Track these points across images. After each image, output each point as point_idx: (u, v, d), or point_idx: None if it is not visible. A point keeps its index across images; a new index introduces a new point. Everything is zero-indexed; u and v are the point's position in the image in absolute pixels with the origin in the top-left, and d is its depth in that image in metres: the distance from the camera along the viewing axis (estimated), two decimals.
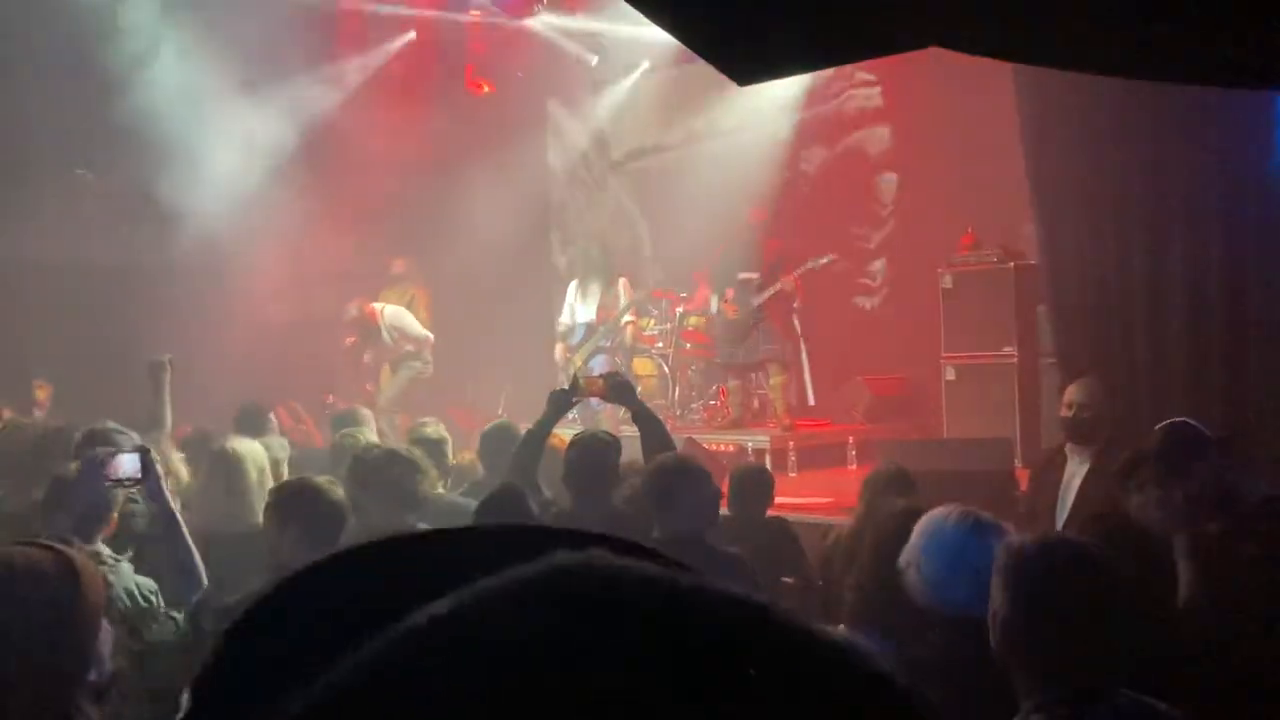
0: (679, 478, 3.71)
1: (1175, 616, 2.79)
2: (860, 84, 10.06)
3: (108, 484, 2.99)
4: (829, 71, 10.18)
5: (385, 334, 9.23)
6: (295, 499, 3.31)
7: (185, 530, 3.14)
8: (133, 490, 3.14)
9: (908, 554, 2.64)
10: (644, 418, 4.61)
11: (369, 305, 9.25)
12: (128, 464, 2.99)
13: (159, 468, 3.16)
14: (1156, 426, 3.90)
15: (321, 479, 3.48)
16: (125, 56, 8.93)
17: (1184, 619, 2.90)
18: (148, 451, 3.07)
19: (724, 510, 4.86)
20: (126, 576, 3.13)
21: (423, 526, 3.98)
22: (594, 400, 5.05)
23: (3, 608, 1.90)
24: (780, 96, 10.31)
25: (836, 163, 10.32)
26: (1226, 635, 2.69)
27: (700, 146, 10.91)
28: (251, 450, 4.30)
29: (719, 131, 10.74)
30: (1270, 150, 4.93)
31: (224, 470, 4.15)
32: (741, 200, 9.04)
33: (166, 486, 3.19)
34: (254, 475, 4.16)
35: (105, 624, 2.01)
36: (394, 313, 9.28)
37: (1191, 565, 3.04)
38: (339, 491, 3.39)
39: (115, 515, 3.19)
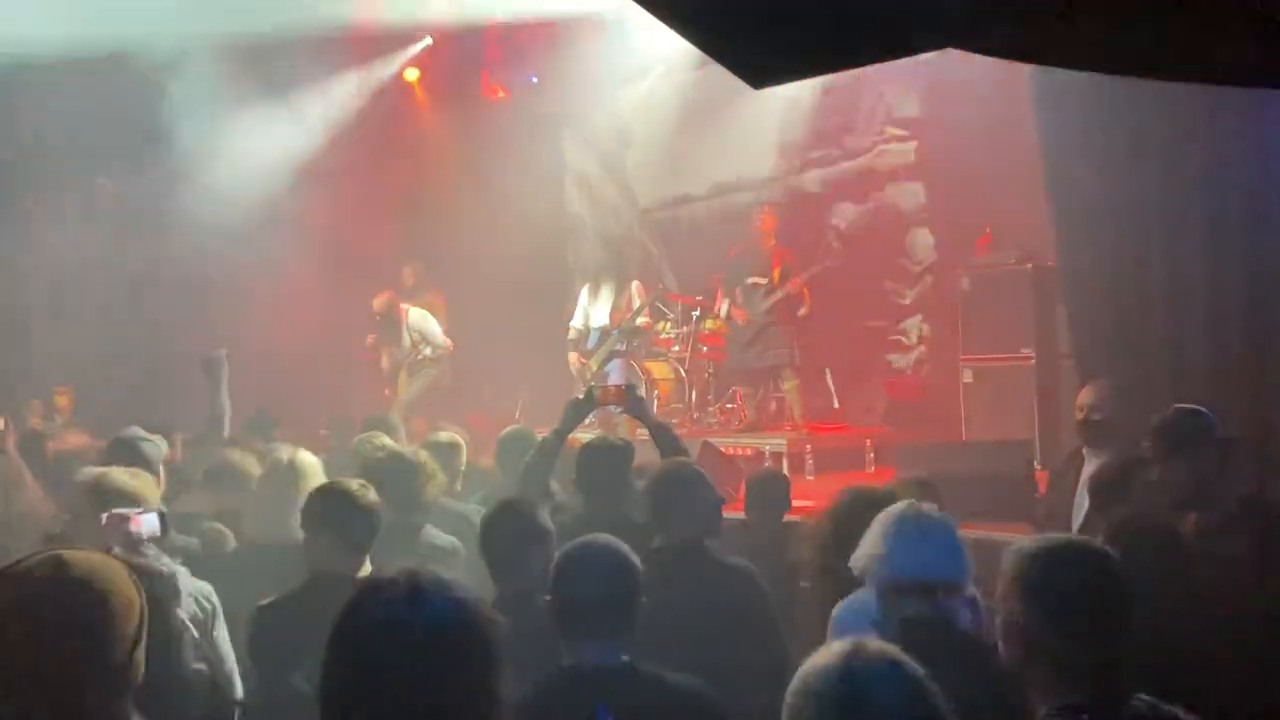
0: (677, 486, 3.69)
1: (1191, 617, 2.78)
2: (892, 139, 9.95)
3: (128, 541, 3.02)
4: (859, 125, 10.13)
5: (406, 334, 9.24)
6: (329, 504, 3.31)
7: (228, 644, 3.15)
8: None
9: (862, 550, 2.68)
10: (659, 431, 4.64)
11: (399, 303, 9.26)
12: (148, 523, 3.04)
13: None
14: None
15: (354, 483, 3.47)
16: (146, 65, 8.99)
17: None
18: (165, 513, 3.10)
19: (741, 515, 4.88)
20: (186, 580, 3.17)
21: (429, 529, 4.02)
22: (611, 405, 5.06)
23: (39, 609, 1.91)
24: (809, 151, 10.31)
25: (868, 218, 10.16)
26: (1205, 632, 2.68)
27: (728, 198, 10.91)
28: (312, 465, 4.21)
29: (747, 185, 10.71)
30: None
31: (283, 482, 4.05)
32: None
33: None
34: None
35: (141, 654, 2.01)
36: (419, 315, 9.29)
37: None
38: (371, 496, 3.38)
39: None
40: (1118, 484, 3.92)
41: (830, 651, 1.71)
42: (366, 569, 3.24)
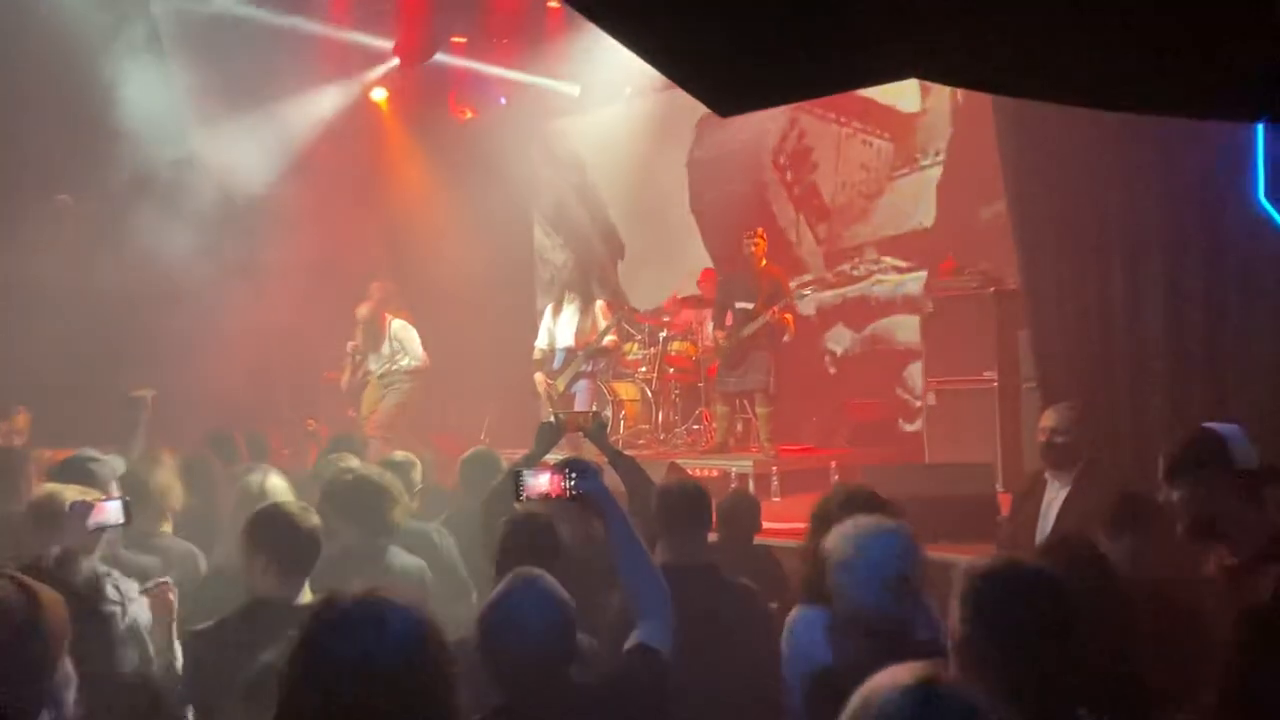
0: (687, 505, 3.70)
1: (1135, 639, 2.79)
2: (889, 269, 9.93)
3: (91, 529, 3.00)
4: (854, 252, 10.12)
5: (387, 343, 9.22)
6: (266, 527, 3.24)
7: (176, 640, 3.10)
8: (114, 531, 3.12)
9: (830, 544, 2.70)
10: (618, 460, 4.65)
11: (383, 311, 9.24)
12: (113, 511, 3.03)
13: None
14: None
15: (295, 505, 3.41)
16: (107, 82, 8.92)
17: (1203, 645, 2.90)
18: (130, 501, 3.06)
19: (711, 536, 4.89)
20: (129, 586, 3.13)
21: (393, 550, 3.99)
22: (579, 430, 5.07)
23: None
24: (802, 274, 10.34)
25: (865, 345, 10.13)
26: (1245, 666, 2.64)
27: None
28: (283, 490, 4.18)
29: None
30: (1248, 178, 4.97)
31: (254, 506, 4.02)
32: None
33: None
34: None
35: (69, 667, 1.99)
36: (402, 325, 9.28)
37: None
38: (313, 519, 3.30)
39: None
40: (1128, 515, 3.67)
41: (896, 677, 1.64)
42: (307, 595, 3.18)
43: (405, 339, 9.22)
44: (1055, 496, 4.94)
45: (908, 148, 9.99)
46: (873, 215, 10.18)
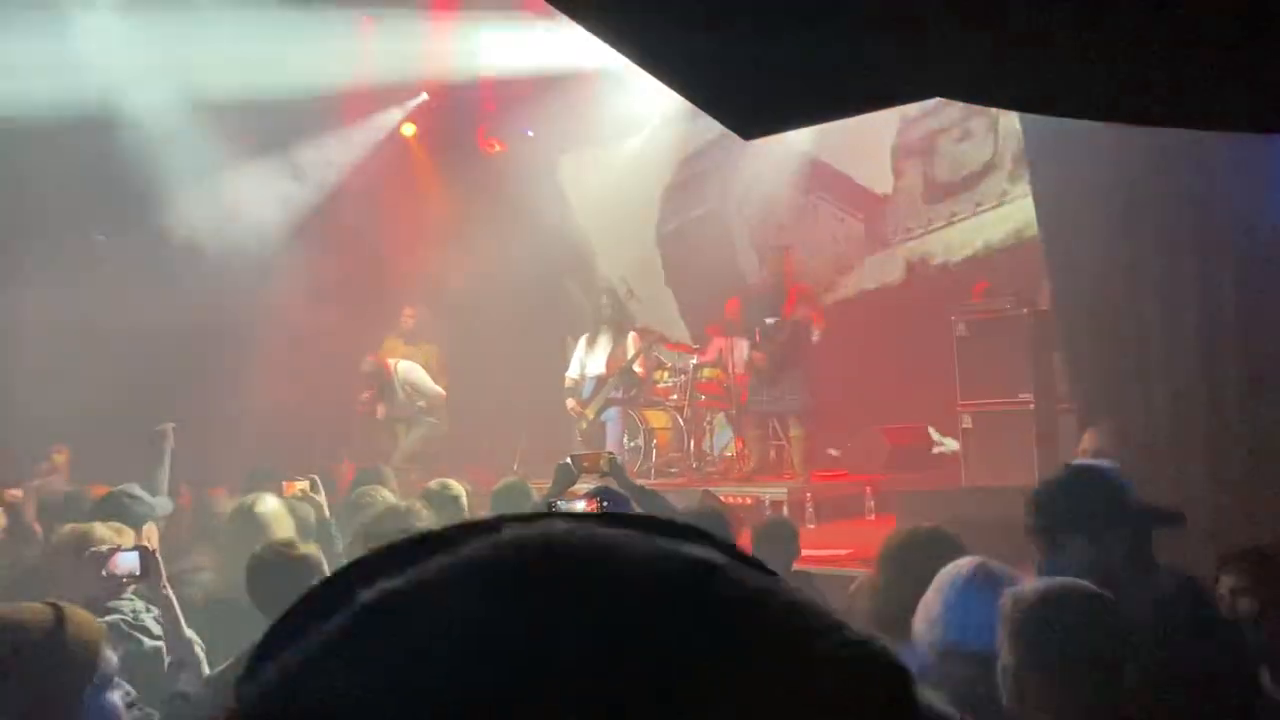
0: (715, 526, 3.68)
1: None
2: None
3: (106, 579, 2.96)
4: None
5: (399, 389, 9.24)
6: (263, 575, 3.16)
7: (185, 628, 3.05)
8: (130, 586, 3.07)
9: (921, 610, 2.58)
10: (644, 496, 4.63)
11: (384, 359, 9.28)
12: (127, 561, 2.97)
13: (160, 565, 3.04)
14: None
15: (281, 543, 3.35)
16: (141, 121, 9.06)
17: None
18: (148, 550, 3.02)
19: None
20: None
21: None
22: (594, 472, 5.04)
23: None
24: None
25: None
26: None
27: None
28: (277, 513, 4.15)
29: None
30: None
31: (246, 531, 3.96)
32: None
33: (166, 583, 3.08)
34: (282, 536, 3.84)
35: (117, 700, 1.98)
36: (408, 368, 9.30)
37: None
38: (304, 551, 3.26)
39: None
40: None
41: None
42: None
43: (414, 381, 9.22)
44: None
45: (880, 230, 9.97)
46: (840, 286, 10.27)
